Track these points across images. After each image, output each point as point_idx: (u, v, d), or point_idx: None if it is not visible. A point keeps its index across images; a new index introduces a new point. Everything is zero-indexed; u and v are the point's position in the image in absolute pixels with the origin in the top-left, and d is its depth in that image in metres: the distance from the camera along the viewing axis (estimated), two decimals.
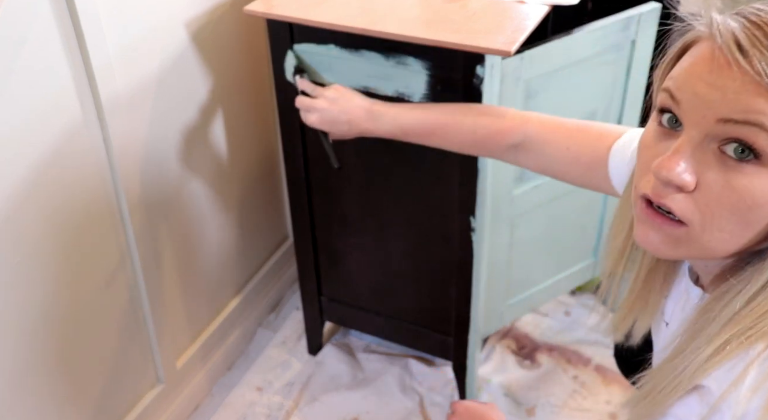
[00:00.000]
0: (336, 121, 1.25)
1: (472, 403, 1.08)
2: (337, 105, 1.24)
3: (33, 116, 1.13)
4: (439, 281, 1.57)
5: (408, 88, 1.32)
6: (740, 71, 0.58)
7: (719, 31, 0.60)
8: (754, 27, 0.59)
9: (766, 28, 0.58)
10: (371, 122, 1.22)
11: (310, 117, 1.27)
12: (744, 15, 0.60)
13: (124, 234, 1.38)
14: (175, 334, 1.61)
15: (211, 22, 1.48)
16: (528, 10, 1.28)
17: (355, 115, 1.22)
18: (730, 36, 0.59)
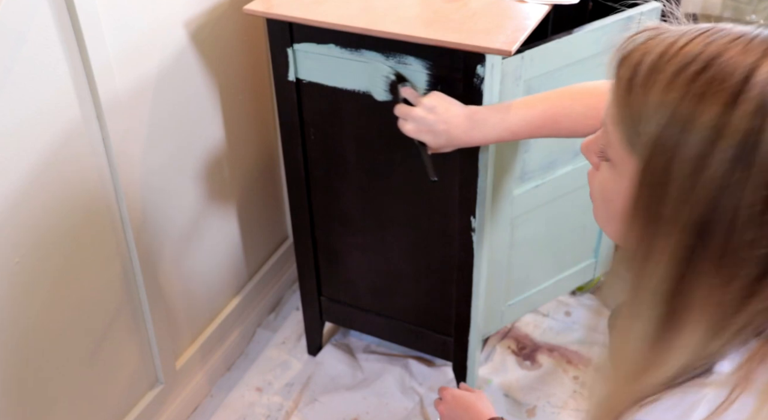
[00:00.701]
0: (433, 131, 1.17)
1: (460, 392, 1.08)
2: (435, 113, 1.17)
3: (32, 116, 1.13)
4: (439, 281, 1.56)
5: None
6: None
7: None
8: (641, 47, 0.60)
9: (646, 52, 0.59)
10: (476, 131, 1.14)
11: (406, 125, 1.20)
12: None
13: (124, 234, 1.38)
14: (174, 335, 1.61)
15: (210, 21, 1.48)
16: (528, 10, 1.28)
17: (454, 124, 1.15)
18: (622, 49, 0.62)
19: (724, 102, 0.53)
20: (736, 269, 0.55)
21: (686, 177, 0.55)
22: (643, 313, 0.61)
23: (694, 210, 0.55)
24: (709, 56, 0.55)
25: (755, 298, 0.56)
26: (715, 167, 0.54)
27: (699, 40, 0.57)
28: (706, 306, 0.57)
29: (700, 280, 0.57)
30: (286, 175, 1.56)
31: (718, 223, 0.55)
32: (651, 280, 0.59)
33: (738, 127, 0.53)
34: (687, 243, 0.56)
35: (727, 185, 0.53)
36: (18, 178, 1.13)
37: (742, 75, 0.53)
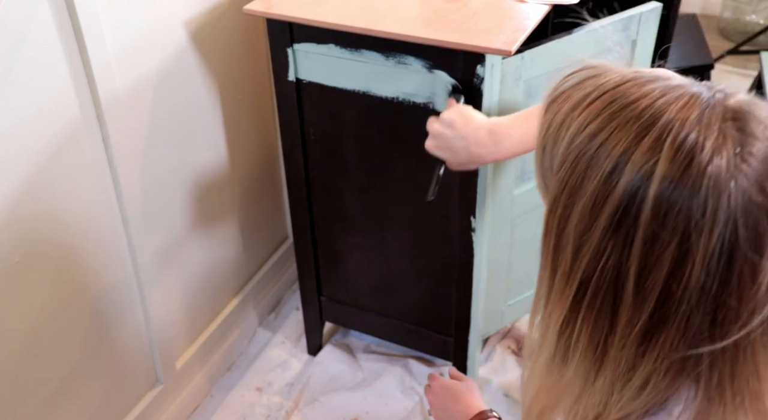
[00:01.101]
0: (452, 148, 1.11)
1: (450, 382, 1.07)
2: (453, 129, 1.11)
3: (32, 116, 1.13)
4: (439, 281, 1.56)
5: (408, 88, 1.31)
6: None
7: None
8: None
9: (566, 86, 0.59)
10: (500, 145, 1.07)
11: (427, 142, 1.15)
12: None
13: (124, 233, 1.38)
14: (174, 335, 1.61)
15: (210, 21, 1.48)
16: (528, 10, 1.28)
17: (473, 141, 1.08)
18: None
19: (601, 178, 0.54)
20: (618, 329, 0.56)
21: (578, 234, 0.56)
22: (545, 347, 0.62)
23: (580, 267, 0.56)
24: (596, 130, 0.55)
25: (648, 356, 0.55)
26: (597, 231, 0.54)
27: (603, 98, 0.56)
28: (591, 354, 0.58)
29: (589, 329, 0.58)
30: (286, 175, 1.56)
31: (599, 285, 0.55)
32: (547, 318, 0.61)
33: (614, 198, 0.53)
34: (575, 293, 0.57)
35: (604, 249, 0.54)
36: (18, 178, 1.13)
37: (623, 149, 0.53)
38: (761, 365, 0.55)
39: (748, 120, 0.53)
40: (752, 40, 3.08)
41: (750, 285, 0.52)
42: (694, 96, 0.54)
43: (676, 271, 0.52)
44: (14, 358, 1.21)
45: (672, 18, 1.81)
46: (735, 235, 0.51)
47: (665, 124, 0.52)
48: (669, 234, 0.52)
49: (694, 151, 0.51)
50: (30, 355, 1.24)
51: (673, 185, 0.51)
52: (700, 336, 0.54)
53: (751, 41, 3.08)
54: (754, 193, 0.51)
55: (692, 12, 3.00)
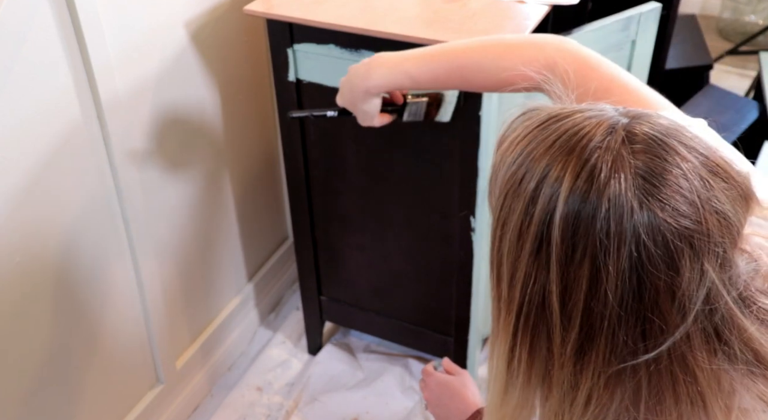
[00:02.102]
0: (341, 92, 1.05)
1: (444, 377, 1.07)
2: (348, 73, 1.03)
3: (33, 116, 1.13)
4: (439, 281, 1.57)
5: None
6: None
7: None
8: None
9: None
10: (371, 73, 0.99)
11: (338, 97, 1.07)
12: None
13: (125, 233, 1.38)
14: (175, 334, 1.61)
15: (211, 22, 1.48)
16: (528, 10, 1.28)
17: (354, 73, 1.01)
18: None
19: (522, 207, 0.57)
20: (555, 350, 0.58)
21: (510, 264, 0.59)
22: (497, 379, 0.65)
23: (515, 295, 0.59)
24: (526, 158, 0.58)
25: (585, 372, 0.58)
26: (524, 258, 0.57)
27: (523, 143, 0.59)
28: (538, 377, 0.61)
29: (530, 354, 0.60)
30: (286, 175, 1.56)
31: (531, 309, 0.58)
32: (497, 348, 0.63)
33: (533, 224, 0.56)
34: (515, 320, 0.60)
35: (530, 274, 0.57)
36: (19, 178, 1.13)
37: (537, 179, 0.56)
38: (699, 374, 0.57)
39: (650, 143, 0.55)
40: (751, 41, 3.09)
41: (669, 301, 0.54)
42: (600, 122, 0.56)
43: (592, 290, 0.55)
44: (14, 357, 1.21)
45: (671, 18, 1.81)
46: (644, 254, 0.53)
47: (570, 151, 0.55)
48: (580, 255, 0.54)
49: (593, 174, 0.54)
50: (30, 355, 1.24)
51: (576, 207, 0.54)
52: (630, 349, 0.56)
53: (750, 42, 3.09)
54: (658, 213, 0.53)
55: (691, 12, 3.00)
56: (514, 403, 0.64)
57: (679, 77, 2.23)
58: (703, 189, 0.54)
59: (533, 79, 0.86)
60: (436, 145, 1.37)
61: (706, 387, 0.57)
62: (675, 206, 0.53)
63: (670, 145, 0.55)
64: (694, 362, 0.56)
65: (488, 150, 1.33)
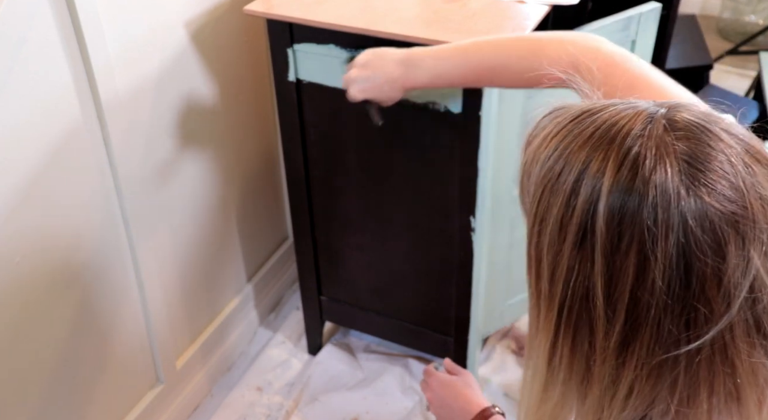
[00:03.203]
0: (374, 87, 1.12)
1: (447, 378, 1.07)
2: (369, 68, 1.11)
3: (33, 116, 1.13)
4: (439, 281, 1.57)
5: None
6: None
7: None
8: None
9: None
10: (409, 73, 1.07)
11: (350, 91, 1.15)
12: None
13: (125, 233, 1.38)
14: (175, 334, 1.61)
15: (211, 22, 1.48)
16: (528, 10, 1.28)
17: (389, 71, 1.09)
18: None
19: (562, 202, 0.57)
20: (597, 344, 0.58)
21: (551, 259, 0.59)
22: (537, 377, 0.64)
23: (557, 290, 0.59)
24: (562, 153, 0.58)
25: (628, 365, 0.57)
26: (566, 252, 0.57)
27: (559, 136, 0.59)
28: (579, 374, 0.60)
29: (572, 350, 0.60)
30: (286, 175, 1.56)
31: (574, 303, 0.58)
32: (537, 346, 0.63)
33: (575, 218, 0.56)
34: (557, 316, 0.60)
35: (573, 267, 0.57)
36: (19, 178, 1.13)
37: (577, 172, 0.56)
38: (738, 366, 0.56)
39: (692, 129, 0.55)
40: (751, 41, 3.09)
41: (716, 288, 0.54)
42: (639, 112, 0.57)
43: (639, 279, 0.54)
44: (14, 357, 1.21)
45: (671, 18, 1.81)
46: (691, 240, 0.53)
47: (611, 141, 0.56)
48: (626, 244, 0.54)
49: (638, 163, 0.54)
50: (30, 355, 1.24)
51: (621, 197, 0.54)
52: (674, 339, 0.55)
53: (750, 42, 3.09)
54: (705, 198, 0.53)
55: (691, 12, 3.00)
56: (554, 402, 0.63)
57: (679, 77, 2.21)
58: (747, 174, 0.54)
59: (559, 78, 0.85)
60: (436, 145, 1.37)
61: (744, 379, 0.57)
62: (721, 191, 0.53)
63: (712, 130, 0.55)
64: (734, 353, 0.56)
65: (488, 150, 1.33)
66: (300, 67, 1.39)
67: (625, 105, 0.58)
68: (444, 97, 1.30)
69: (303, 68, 1.39)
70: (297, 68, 1.39)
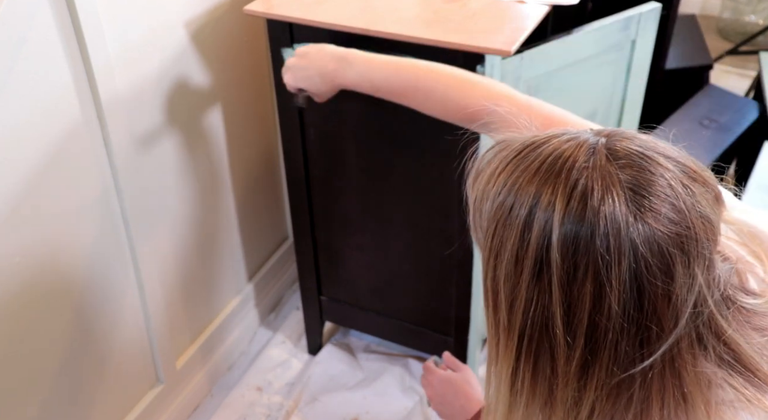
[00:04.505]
0: (307, 76, 1.12)
1: (447, 375, 1.08)
2: (307, 58, 1.12)
3: (33, 116, 1.13)
4: (439, 281, 1.57)
5: None
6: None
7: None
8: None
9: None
10: (340, 71, 1.08)
11: (285, 78, 1.16)
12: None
13: (125, 233, 1.38)
14: (175, 334, 1.61)
15: (211, 22, 1.48)
16: (528, 10, 1.29)
17: (323, 64, 1.10)
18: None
19: (516, 235, 0.58)
20: (559, 369, 0.60)
21: (509, 292, 0.60)
22: (500, 401, 0.66)
23: (516, 320, 0.60)
24: (512, 186, 0.60)
25: (589, 386, 0.59)
26: (523, 285, 0.59)
27: (507, 170, 0.61)
28: (542, 397, 0.62)
29: (534, 376, 0.62)
30: (286, 175, 1.56)
31: (534, 332, 0.60)
32: (498, 373, 0.65)
33: (530, 251, 0.58)
34: (517, 345, 0.61)
35: (531, 299, 0.58)
36: (19, 178, 1.13)
37: (528, 207, 0.58)
38: (685, 376, 0.59)
39: (632, 157, 0.57)
40: (751, 41, 3.09)
41: (666, 307, 0.56)
42: (580, 143, 0.59)
43: (596, 306, 0.56)
44: (14, 357, 1.21)
45: (671, 18, 1.81)
46: (642, 265, 0.55)
47: (558, 174, 0.57)
48: (582, 273, 0.56)
49: (586, 195, 0.56)
50: (30, 355, 1.24)
51: (574, 229, 0.56)
52: (630, 358, 0.58)
53: (750, 42, 3.09)
54: (652, 223, 0.55)
55: (691, 12, 3.00)
56: None
57: (679, 77, 2.23)
58: (687, 195, 0.57)
59: (497, 112, 0.91)
60: (436, 145, 1.38)
61: (691, 388, 0.59)
62: (665, 214, 0.55)
63: (651, 157, 0.58)
64: (681, 365, 0.58)
65: None
66: None
67: (567, 136, 0.60)
68: None
69: None
70: None
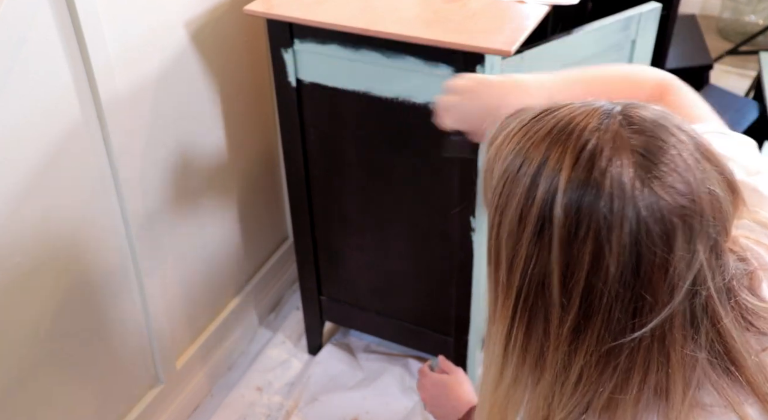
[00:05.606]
0: (474, 115, 0.95)
1: (439, 377, 1.10)
2: (473, 94, 0.95)
3: (33, 116, 1.13)
4: (439, 281, 1.57)
5: (408, 88, 1.32)
6: None
7: None
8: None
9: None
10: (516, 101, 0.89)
11: (443, 120, 0.98)
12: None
13: (124, 233, 1.38)
14: (175, 334, 1.61)
15: (211, 22, 1.48)
16: (528, 10, 1.29)
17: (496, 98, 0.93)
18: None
19: (522, 193, 0.59)
20: (552, 331, 0.60)
21: (510, 249, 0.61)
22: (492, 363, 0.67)
23: (515, 278, 0.61)
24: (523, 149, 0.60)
25: (579, 351, 0.60)
26: (524, 242, 0.59)
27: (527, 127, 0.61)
28: (533, 359, 0.63)
29: (528, 336, 0.62)
30: (286, 175, 1.56)
31: (531, 292, 0.60)
32: (494, 333, 0.65)
33: (534, 208, 0.58)
34: (513, 304, 0.62)
35: (531, 256, 0.59)
36: (19, 178, 1.13)
37: (536, 165, 0.58)
38: (672, 356, 0.59)
39: (646, 125, 0.58)
40: (751, 41, 3.09)
41: (662, 278, 0.56)
42: (595, 109, 0.59)
43: (594, 267, 0.57)
44: (15, 357, 1.21)
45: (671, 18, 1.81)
46: (643, 230, 0.55)
47: (569, 135, 0.58)
48: (583, 233, 0.56)
49: (594, 155, 0.56)
50: (30, 355, 1.24)
51: (579, 189, 0.56)
52: (621, 327, 0.58)
53: (750, 42, 3.09)
54: (657, 190, 0.55)
55: (691, 12, 3.00)
56: (508, 385, 0.66)
57: (679, 77, 2.22)
58: (697, 170, 0.56)
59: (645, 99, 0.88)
60: (436, 145, 1.37)
61: (675, 370, 0.59)
62: (672, 184, 0.55)
63: (665, 126, 0.58)
64: (670, 343, 0.58)
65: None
66: (300, 67, 1.39)
67: (583, 103, 0.61)
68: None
69: (303, 68, 1.39)
70: (297, 68, 1.39)
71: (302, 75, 1.40)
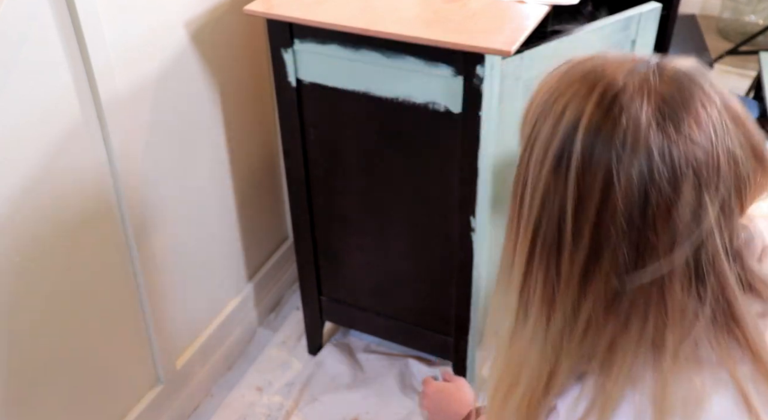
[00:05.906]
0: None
1: (441, 384, 1.12)
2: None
3: (33, 116, 1.13)
4: (439, 281, 1.57)
5: (408, 88, 1.32)
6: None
7: None
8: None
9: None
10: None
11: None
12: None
13: (124, 233, 1.38)
14: (174, 335, 1.61)
15: (211, 22, 1.48)
16: (528, 10, 1.29)
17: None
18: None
19: (549, 127, 0.61)
20: (563, 270, 0.62)
21: (533, 182, 0.62)
22: (508, 314, 0.68)
23: (533, 213, 0.62)
24: (553, 87, 0.63)
25: (587, 294, 0.61)
26: (545, 173, 0.61)
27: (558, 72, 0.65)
28: (548, 301, 0.64)
29: (541, 277, 0.64)
30: (286, 175, 1.56)
31: (547, 226, 0.61)
32: (511, 275, 0.67)
33: (556, 141, 0.60)
34: (531, 241, 0.63)
35: (550, 188, 0.61)
36: (19, 178, 1.13)
37: (566, 99, 0.61)
38: (671, 301, 0.60)
39: (678, 76, 0.59)
40: (751, 41, 3.09)
41: (666, 222, 0.57)
42: (634, 57, 0.62)
43: (604, 202, 0.58)
44: (14, 357, 1.21)
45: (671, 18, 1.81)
46: (654, 171, 0.57)
47: (602, 76, 0.60)
48: (596, 163, 0.58)
49: (617, 95, 0.58)
50: (30, 355, 1.24)
51: (598, 121, 0.58)
52: (627, 270, 0.59)
53: (750, 42, 3.09)
54: (672, 136, 0.57)
55: (691, 12, 3.00)
56: (520, 343, 0.66)
57: None
58: (720, 127, 0.58)
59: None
60: (436, 145, 1.38)
61: (672, 320, 0.60)
62: (689, 134, 0.57)
63: (697, 81, 0.60)
64: (668, 293, 0.59)
65: (488, 150, 1.33)
66: (300, 67, 1.39)
67: (624, 54, 0.64)
68: (444, 96, 1.30)
69: (303, 68, 1.39)
70: (297, 68, 1.40)
71: (302, 75, 1.40)
